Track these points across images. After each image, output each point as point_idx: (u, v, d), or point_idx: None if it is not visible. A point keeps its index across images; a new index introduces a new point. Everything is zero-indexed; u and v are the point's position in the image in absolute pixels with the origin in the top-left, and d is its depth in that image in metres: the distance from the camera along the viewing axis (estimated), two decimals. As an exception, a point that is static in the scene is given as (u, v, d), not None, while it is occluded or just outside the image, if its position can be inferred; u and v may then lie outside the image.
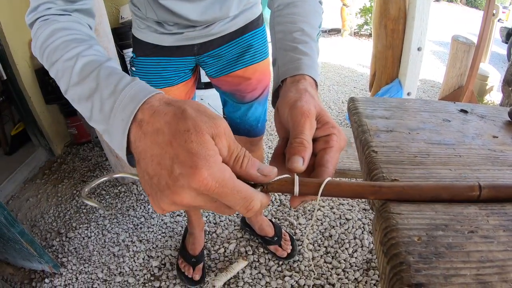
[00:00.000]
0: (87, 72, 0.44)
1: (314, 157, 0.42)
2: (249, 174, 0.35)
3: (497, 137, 0.55)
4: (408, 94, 2.21)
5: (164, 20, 0.92)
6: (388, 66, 2.25)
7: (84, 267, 1.62)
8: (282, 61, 0.56)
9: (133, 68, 1.06)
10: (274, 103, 0.55)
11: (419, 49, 2.02)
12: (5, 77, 2.23)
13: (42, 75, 2.33)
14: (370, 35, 5.79)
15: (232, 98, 1.16)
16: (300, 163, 0.38)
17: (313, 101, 0.45)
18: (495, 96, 3.27)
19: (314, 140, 0.43)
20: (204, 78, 2.33)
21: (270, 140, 2.65)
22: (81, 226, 1.87)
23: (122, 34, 2.47)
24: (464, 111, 0.64)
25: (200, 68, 1.15)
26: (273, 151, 0.46)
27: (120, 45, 2.46)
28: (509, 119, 0.61)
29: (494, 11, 2.50)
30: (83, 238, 1.79)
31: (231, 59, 1.06)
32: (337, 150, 0.42)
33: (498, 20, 5.11)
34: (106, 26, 1.66)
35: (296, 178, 0.37)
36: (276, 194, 1.98)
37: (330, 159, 0.41)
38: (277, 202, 1.94)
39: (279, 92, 0.53)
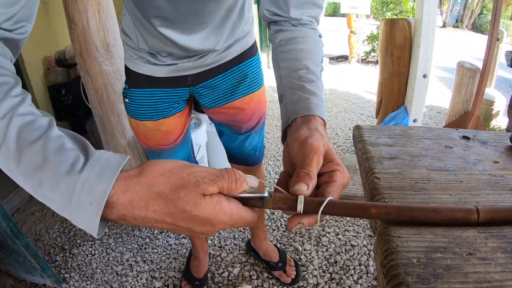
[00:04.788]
0: (29, 140, 0.37)
1: (317, 190, 0.44)
2: (244, 189, 0.41)
3: (498, 162, 0.56)
4: (414, 120, 2.22)
5: (156, 50, 0.90)
6: (394, 93, 2.28)
7: (86, 284, 1.61)
8: (290, 99, 0.59)
9: (126, 100, 1.01)
10: (283, 139, 0.58)
11: (424, 76, 2.05)
12: (18, 92, 2.29)
13: (54, 91, 2.40)
14: (377, 62, 5.87)
15: (229, 129, 1.14)
16: (305, 187, 0.40)
17: (322, 140, 0.47)
18: (501, 120, 3.26)
19: (319, 175, 0.44)
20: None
21: (277, 166, 2.66)
22: (85, 243, 1.87)
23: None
24: (466, 138, 0.65)
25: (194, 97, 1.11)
26: (279, 175, 0.49)
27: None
28: (510, 144, 0.62)
29: (498, 36, 2.54)
30: (87, 255, 1.79)
31: (226, 89, 1.03)
32: (340, 186, 0.43)
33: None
34: (120, 49, 1.72)
35: (301, 196, 0.39)
36: (281, 219, 1.97)
37: (332, 192, 0.42)
38: (282, 228, 1.93)
39: (288, 131, 0.55)
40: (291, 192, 0.41)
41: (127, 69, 1.00)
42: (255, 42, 1.05)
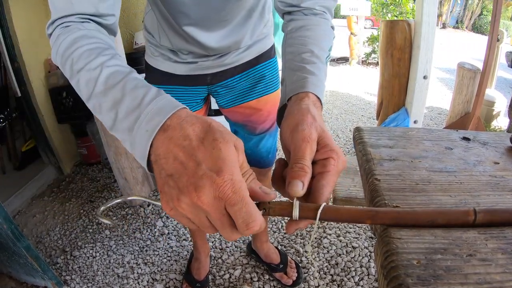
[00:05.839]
0: (113, 83, 0.46)
1: (313, 179, 0.43)
2: (252, 188, 0.38)
3: (498, 163, 0.56)
4: (415, 122, 2.22)
5: (179, 48, 0.92)
6: (395, 95, 2.28)
7: (88, 287, 1.62)
8: (290, 80, 0.58)
9: None
10: (279, 122, 0.56)
11: (425, 77, 2.05)
12: (19, 94, 2.28)
13: (55, 94, 2.40)
14: (377, 63, 5.88)
15: (243, 129, 1.15)
16: (300, 187, 0.39)
17: (314, 124, 0.45)
18: (502, 121, 3.26)
19: (313, 162, 0.43)
20: (214, 105, 2.34)
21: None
22: (86, 245, 1.87)
23: (135, 60, 2.55)
24: (466, 139, 0.65)
25: (211, 96, 1.14)
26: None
27: (134, 70, 2.53)
28: (511, 145, 0.62)
29: (499, 37, 2.54)
30: (88, 257, 1.79)
31: (243, 89, 1.05)
32: (334, 174, 0.42)
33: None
34: (121, 51, 1.73)
35: (296, 202, 0.39)
36: (282, 221, 1.97)
37: (326, 184, 0.41)
38: (283, 229, 1.92)
39: (284, 111, 0.53)
40: (286, 191, 0.40)
41: (147, 65, 1.02)
42: (273, 45, 1.07)
